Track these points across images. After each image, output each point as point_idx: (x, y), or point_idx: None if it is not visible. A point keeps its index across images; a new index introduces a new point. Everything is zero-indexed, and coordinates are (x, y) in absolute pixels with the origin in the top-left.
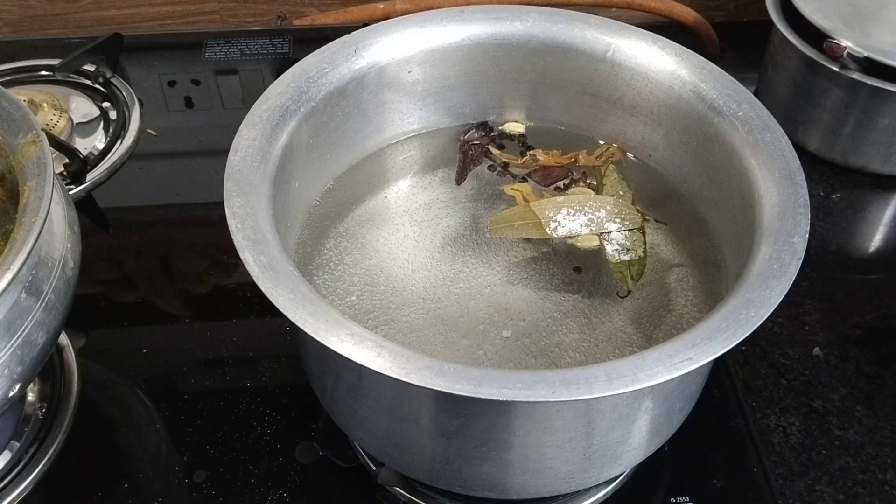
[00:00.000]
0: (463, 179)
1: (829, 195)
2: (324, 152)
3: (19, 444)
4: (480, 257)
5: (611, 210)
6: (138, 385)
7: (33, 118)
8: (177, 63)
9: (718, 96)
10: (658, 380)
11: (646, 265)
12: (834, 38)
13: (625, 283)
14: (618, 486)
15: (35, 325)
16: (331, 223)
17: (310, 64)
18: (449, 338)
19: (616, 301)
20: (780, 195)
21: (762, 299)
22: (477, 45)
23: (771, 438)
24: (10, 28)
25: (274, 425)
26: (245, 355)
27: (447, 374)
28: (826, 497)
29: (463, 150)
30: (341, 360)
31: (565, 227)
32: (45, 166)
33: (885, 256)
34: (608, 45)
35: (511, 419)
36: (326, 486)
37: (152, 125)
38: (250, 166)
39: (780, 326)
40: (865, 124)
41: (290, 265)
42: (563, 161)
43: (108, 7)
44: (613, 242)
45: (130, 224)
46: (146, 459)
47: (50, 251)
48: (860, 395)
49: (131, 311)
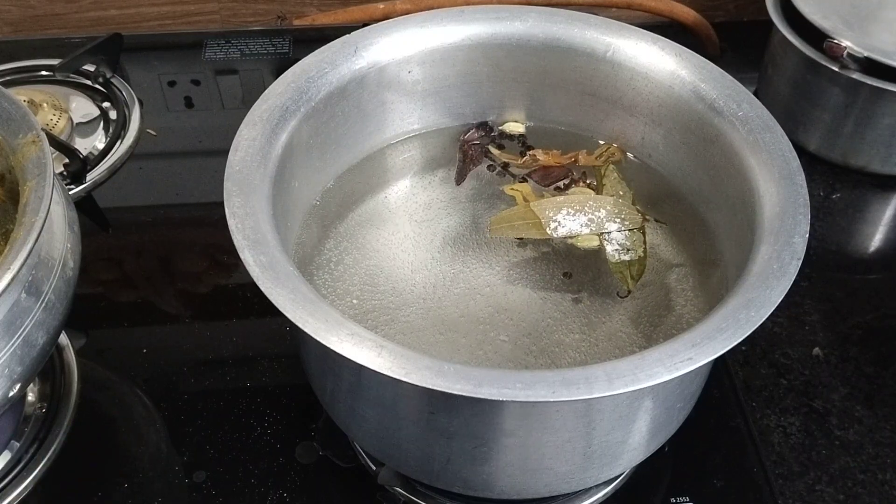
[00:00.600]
0: (462, 179)
1: (829, 195)
2: (324, 152)
3: (19, 444)
4: (480, 257)
5: (611, 210)
6: (138, 385)
7: (33, 118)
8: (177, 63)
9: (718, 96)
10: (658, 380)
11: (646, 265)
12: (834, 38)
13: (625, 282)
14: (618, 486)
15: (35, 325)
16: (331, 223)
17: (310, 64)
18: (449, 338)
19: (616, 301)
20: (780, 195)
21: (762, 299)
22: (477, 45)
23: (771, 438)
24: (10, 28)
25: (274, 425)
26: (245, 355)
27: (447, 374)
28: (826, 497)
29: (462, 150)
30: (341, 360)
31: (565, 227)
32: (45, 166)
33: (885, 256)
34: (608, 45)
35: (511, 419)
36: (326, 486)
37: (152, 125)
38: (250, 166)
39: (780, 326)
40: (865, 124)
41: (290, 265)
42: (563, 161)
43: (108, 7)
44: (613, 242)
45: (130, 224)
46: (146, 459)
47: (50, 251)
48: (860, 395)
49: (131, 311)
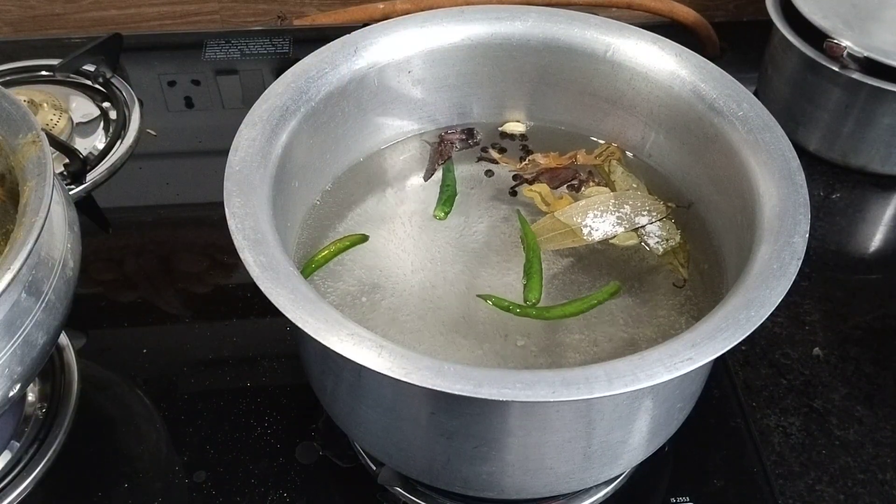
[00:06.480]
0: (430, 176)
1: (829, 195)
2: (324, 152)
3: (19, 444)
4: (480, 257)
5: (634, 204)
6: (138, 385)
7: (33, 118)
8: (177, 63)
9: (718, 96)
10: (658, 380)
11: (688, 250)
12: (834, 38)
13: (677, 272)
14: (618, 486)
15: (35, 325)
16: (331, 223)
17: (310, 64)
18: (449, 338)
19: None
20: (780, 195)
21: (762, 299)
22: (477, 45)
23: (771, 438)
24: (10, 28)
25: (274, 425)
26: (245, 355)
27: (447, 374)
28: (826, 497)
29: (434, 146)
30: (341, 360)
31: (599, 231)
32: (45, 166)
33: (885, 256)
34: (608, 45)
35: (511, 419)
36: (326, 486)
37: (152, 125)
38: (250, 166)
39: (780, 326)
40: (865, 124)
41: (290, 265)
42: (564, 162)
43: (108, 7)
44: (652, 236)
45: (130, 224)
46: (146, 459)
47: (50, 251)
48: (860, 395)
49: (131, 311)
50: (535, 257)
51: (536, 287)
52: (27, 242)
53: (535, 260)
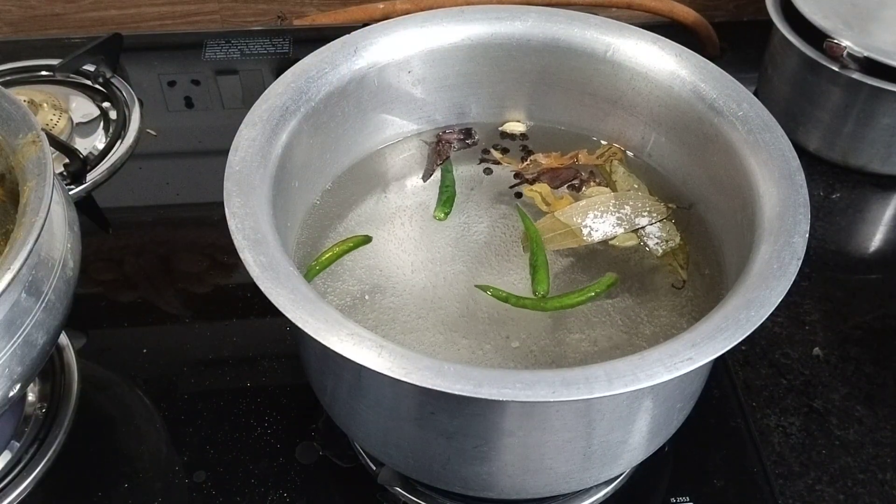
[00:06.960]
0: (429, 176)
1: (828, 195)
2: (324, 152)
3: (19, 444)
4: (480, 257)
5: (634, 204)
6: (138, 385)
7: (33, 118)
8: (177, 63)
9: (718, 96)
10: (658, 380)
11: (688, 251)
12: (834, 38)
13: (676, 273)
14: (618, 486)
15: (35, 325)
16: (331, 223)
17: (310, 64)
18: (449, 338)
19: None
20: (780, 195)
21: (762, 299)
22: (477, 45)
23: (771, 438)
24: (10, 28)
25: (274, 425)
26: (245, 355)
27: (447, 374)
28: (826, 497)
29: (432, 147)
30: (341, 360)
31: (599, 231)
32: (45, 166)
33: (885, 256)
34: (608, 45)
35: (511, 419)
36: (326, 486)
37: (152, 125)
38: (250, 166)
39: (780, 326)
40: (865, 124)
41: (290, 265)
42: (565, 162)
43: (108, 7)
44: (652, 237)
45: (130, 224)
46: (146, 459)
47: (50, 251)
48: (860, 395)
49: (131, 311)
50: (540, 249)
51: (544, 279)
52: (27, 242)
53: (539, 252)
